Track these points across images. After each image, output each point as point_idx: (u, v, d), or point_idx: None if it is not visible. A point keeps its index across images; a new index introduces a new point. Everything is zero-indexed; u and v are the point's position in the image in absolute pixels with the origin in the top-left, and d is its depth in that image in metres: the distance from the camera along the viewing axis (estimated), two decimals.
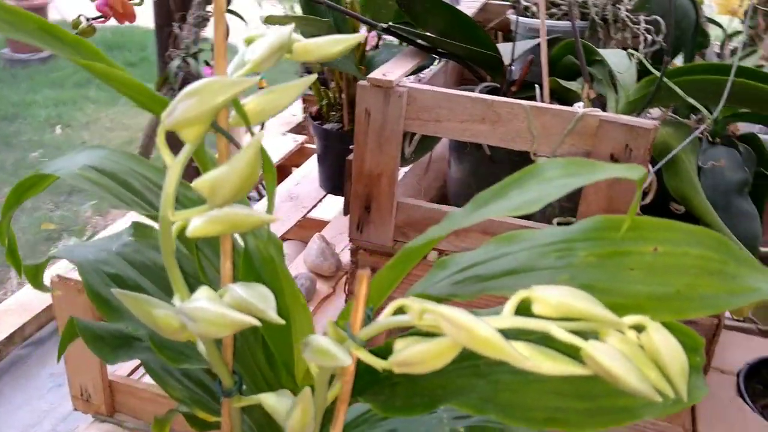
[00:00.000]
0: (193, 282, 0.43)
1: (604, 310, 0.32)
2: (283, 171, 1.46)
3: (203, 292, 0.35)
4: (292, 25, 0.39)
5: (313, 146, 1.42)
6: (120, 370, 1.08)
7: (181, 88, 2.55)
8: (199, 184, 0.33)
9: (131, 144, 3.68)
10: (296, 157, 1.51)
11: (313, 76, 0.37)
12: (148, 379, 1.09)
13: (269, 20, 0.93)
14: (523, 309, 0.33)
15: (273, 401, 0.40)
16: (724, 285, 0.34)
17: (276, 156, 1.45)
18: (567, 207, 0.86)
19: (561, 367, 0.32)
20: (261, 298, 0.36)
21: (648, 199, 0.84)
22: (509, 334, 0.32)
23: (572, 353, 0.33)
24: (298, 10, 1.40)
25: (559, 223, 0.86)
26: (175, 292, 0.37)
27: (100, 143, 3.48)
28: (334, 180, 1.20)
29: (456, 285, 0.39)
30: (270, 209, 0.43)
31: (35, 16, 0.36)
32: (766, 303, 1.43)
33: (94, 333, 0.50)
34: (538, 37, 0.99)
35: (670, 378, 0.33)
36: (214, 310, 0.33)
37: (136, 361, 1.11)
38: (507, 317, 0.32)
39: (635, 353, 0.32)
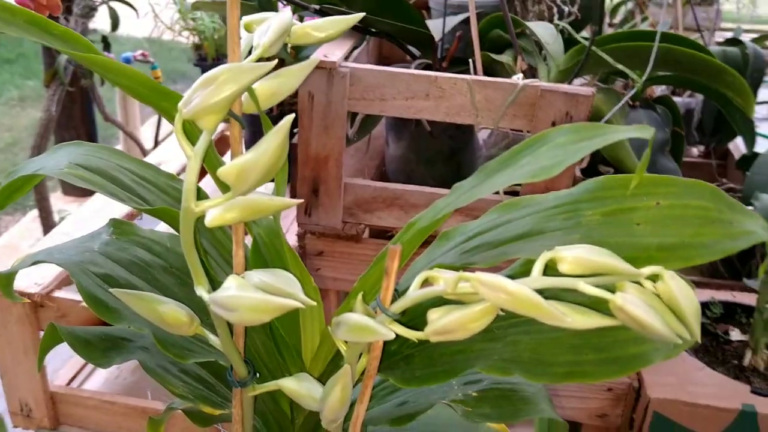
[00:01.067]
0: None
1: (624, 263, 0.34)
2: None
3: (232, 281, 0.35)
4: (288, 10, 0.38)
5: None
6: (59, 379, 1.04)
7: (71, 83, 2.43)
8: (225, 171, 0.33)
9: (16, 145, 3.50)
10: (219, 146, 1.48)
11: (317, 59, 0.37)
12: (90, 386, 1.06)
13: (196, 6, 0.91)
14: (547, 271, 0.34)
15: (294, 385, 0.41)
16: (724, 231, 0.36)
17: None
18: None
19: (593, 320, 0.34)
20: (287, 282, 0.36)
21: (585, 164, 0.88)
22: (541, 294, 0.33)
23: (594, 307, 0.35)
24: None
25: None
26: (197, 284, 0.36)
27: None
28: None
29: (467, 253, 0.40)
30: (280, 194, 0.43)
31: (26, 11, 0.35)
32: None
33: (81, 338, 0.48)
34: (456, 13, 1.01)
35: (685, 321, 0.35)
36: (256, 296, 0.33)
37: (75, 369, 1.07)
38: (537, 278, 0.34)
39: (653, 301, 0.35)
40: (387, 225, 0.87)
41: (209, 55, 2.94)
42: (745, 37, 1.58)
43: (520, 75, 0.79)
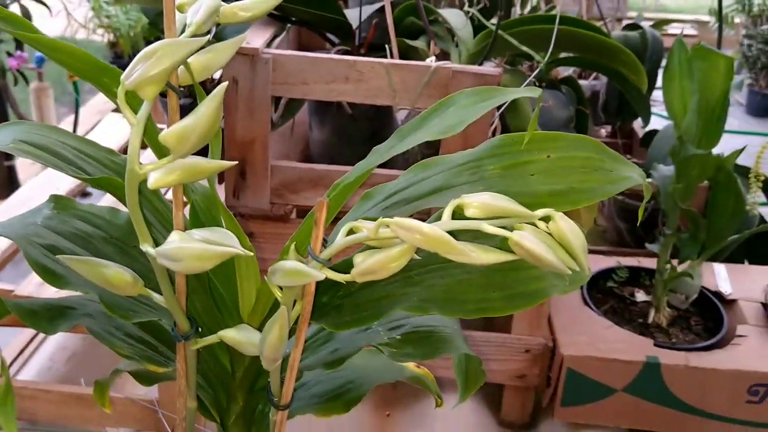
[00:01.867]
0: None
1: (520, 207, 0.39)
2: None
3: (175, 235, 0.39)
4: None
5: (162, 125, 1.41)
6: None
7: None
8: (166, 135, 0.37)
9: None
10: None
11: (244, 36, 0.42)
12: (23, 376, 1.06)
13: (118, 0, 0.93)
14: (456, 217, 0.39)
15: (234, 335, 0.45)
16: (605, 177, 0.42)
17: (122, 138, 1.42)
18: (428, 153, 0.94)
19: (494, 256, 0.39)
20: (224, 237, 0.40)
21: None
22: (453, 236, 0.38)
23: (500, 246, 0.40)
24: None
25: None
26: (143, 241, 0.40)
27: None
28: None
29: (387, 209, 0.45)
30: (215, 158, 0.47)
31: None
32: (591, 227, 1.61)
33: (27, 309, 0.51)
34: (372, 2, 1.06)
35: (575, 255, 0.40)
36: (199, 246, 0.37)
37: (8, 360, 1.08)
38: (447, 221, 0.39)
39: (546, 239, 0.40)
40: (313, 204, 0.91)
41: (125, 53, 2.90)
42: (648, 24, 1.69)
43: (433, 58, 0.85)
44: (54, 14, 2.66)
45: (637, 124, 1.71)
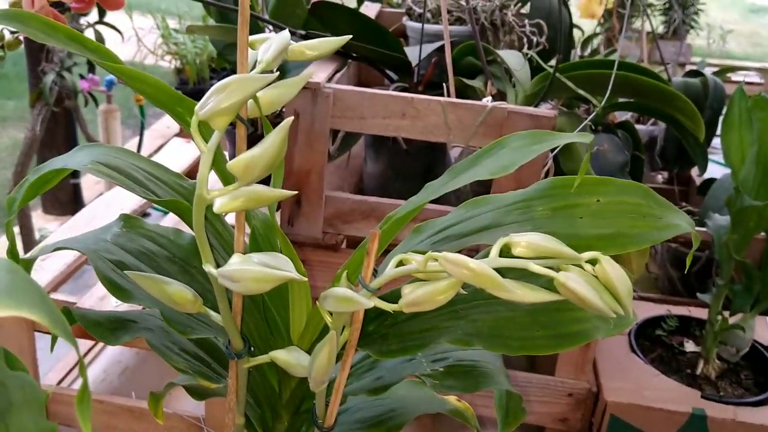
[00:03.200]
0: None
1: (567, 248, 0.41)
2: (192, 177, 1.49)
3: (236, 257, 0.41)
4: (287, 31, 0.45)
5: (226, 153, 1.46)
6: (49, 380, 1.09)
7: (56, 102, 2.48)
8: (234, 164, 0.39)
9: None
10: None
11: (312, 71, 0.44)
12: (76, 386, 1.10)
13: (190, 29, 0.97)
14: (504, 255, 0.41)
15: (285, 356, 0.47)
16: (653, 224, 0.43)
17: (184, 163, 1.48)
18: (479, 192, 0.95)
19: (539, 295, 0.41)
20: (281, 262, 0.42)
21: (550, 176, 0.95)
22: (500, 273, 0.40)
23: (545, 286, 0.41)
24: (172, 23, 1.43)
25: None
26: (206, 262, 0.42)
27: None
28: None
29: (436, 244, 0.47)
30: (277, 187, 0.49)
31: (65, 28, 0.41)
32: (644, 274, 1.60)
33: (92, 320, 0.54)
34: (432, 41, 1.09)
35: (620, 299, 0.41)
36: (258, 269, 0.39)
37: (65, 371, 1.12)
38: (495, 258, 0.40)
39: (592, 281, 0.41)
40: (364, 235, 0.94)
41: (190, 79, 2.99)
42: (710, 71, 1.69)
43: (489, 98, 0.87)
44: (125, 40, 2.77)
45: (695, 171, 1.69)
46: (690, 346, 1.15)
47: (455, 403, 0.57)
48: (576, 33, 2.12)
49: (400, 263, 0.42)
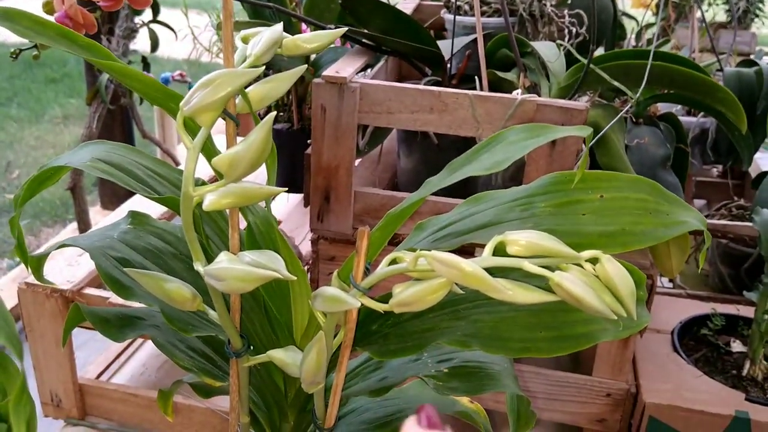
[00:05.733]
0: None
1: (565, 247, 0.39)
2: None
3: (224, 256, 0.40)
4: (281, 24, 0.44)
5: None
6: (89, 373, 1.11)
7: (112, 101, 2.53)
8: (219, 161, 0.39)
9: None
10: None
11: (304, 67, 0.43)
12: (117, 380, 1.12)
13: (221, 26, 0.98)
14: (501, 253, 0.39)
15: (282, 355, 0.46)
16: (659, 221, 0.41)
17: None
18: (512, 185, 0.93)
19: (534, 295, 0.39)
20: (272, 260, 0.41)
21: None
22: (491, 273, 0.38)
23: (543, 288, 0.39)
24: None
25: None
26: (195, 260, 0.42)
27: (25, 162, 3.41)
28: (288, 177, 1.25)
29: (437, 241, 0.46)
30: (271, 185, 0.49)
31: (54, 24, 0.41)
32: (694, 271, 1.54)
33: (100, 316, 0.54)
34: (471, 33, 1.07)
35: (621, 300, 0.39)
36: (241, 268, 0.38)
37: (104, 364, 1.14)
38: (487, 258, 0.39)
39: (592, 281, 0.39)
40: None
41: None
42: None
43: (519, 90, 0.84)
44: (181, 38, 2.81)
45: (752, 165, 1.62)
46: (737, 346, 1.11)
47: (467, 405, 0.56)
48: (631, 24, 2.07)
49: (394, 261, 0.41)
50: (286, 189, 0.84)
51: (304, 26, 1.21)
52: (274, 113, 0.38)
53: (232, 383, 0.50)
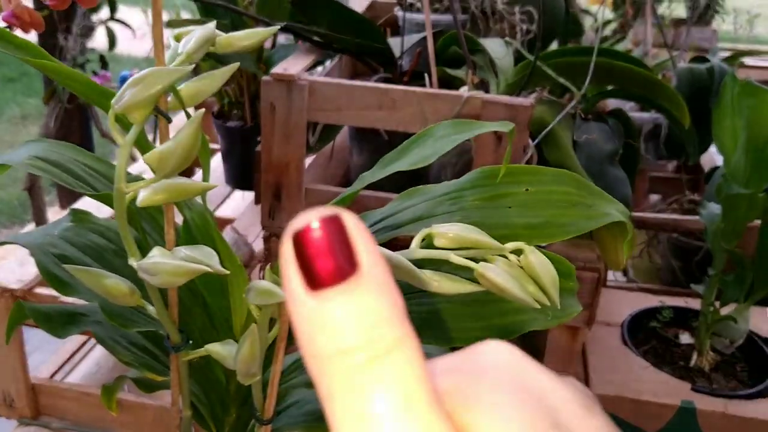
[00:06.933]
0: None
1: (490, 239, 0.40)
2: (186, 172, 1.50)
3: (157, 250, 0.41)
4: (214, 22, 0.45)
5: (216, 146, 1.46)
6: (42, 372, 1.10)
7: (69, 100, 2.50)
8: (149, 157, 0.39)
9: None
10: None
11: (236, 64, 0.44)
12: (70, 379, 1.11)
13: (172, 24, 0.98)
14: (432, 246, 0.40)
15: (219, 349, 0.46)
16: (583, 213, 0.42)
17: None
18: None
19: (459, 286, 0.40)
20: (206, 255, 0.42)
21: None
22: (421, 265, 0.39)
23: (471, 279, 0.40)
24: (184, 15, 1.46)
25: None
26: (130, 255, 0.42)
27: None
28: (240, 175, 1.25)
29: (373, 234, 0.46)
30: (206, 180, 0.49)
31: None
32: (646, 265, 1.57)
33: (43, 313, 0.54)
34: (424, 31, 1.08)
35: (545, 290, 0.41)
36: (172, 262, 0.39)
37: (58, 364, 1.13)
38: (414, 250, 0.40)
39: (516, 272, 0.40)
40: None
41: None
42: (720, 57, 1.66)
43: (466, 87, 0.86)
44: (139, 36, 2.79)
45: (706, 159, 1.66)
46: (685, 338, 1.13)
47: None
48: (590, 20, 2.09)
49: None
50: (216, 186, 0.84)
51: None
52: (203, 110, 0.38)
53: (172, 377, 0.50)
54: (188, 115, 0.49)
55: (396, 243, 0.46)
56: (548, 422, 0.18)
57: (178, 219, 0.50)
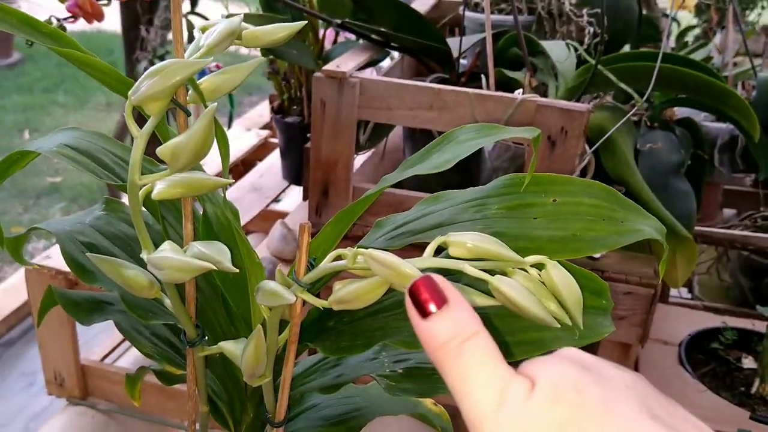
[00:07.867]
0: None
1: (510, 251, 0.38)
2: (247, 164, 1.52)
3: (167, 245, 0.40)
4: (241, 15, 0.44)
5: (277, 141, 1.47)
6: (93, 355, 1.13)
7: None
8: (162, 150, 0.39)
9: None
10: (260, 151, 1.56)
11: (261, 59, 0.43)
12: (120, 363, 1.14)
13: (246, 19, 0.98)
14: (447, 255, 0.38)
15: (231, 347, 0.46)
16: (613, 228, 0.40)
17: (240, 150, 1.50)
18: None
19: (473, 299, 0.38)
20: (218, 252, 0.41)
21: (587, 177, 0.90)
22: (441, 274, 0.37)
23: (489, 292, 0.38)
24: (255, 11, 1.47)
25: None
26: (143, 248, 0.42)
27: None
28: (297, 171, 1.25)
29: (390, 240, 0.45)
30: (225, 176, 0.48)
31: (18, 11, 0.41)
32: (714, 282, 1.50)
33: (71, 299, 0.55)
34: (484, 32, 1.05)
35: (566, 308, 0.38)
36: (178, 258, 0.38)
37: (110, 346, 1.16)
38: (427, 258, 0.38)
39: (537, 288, 0.38)
40: None
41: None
42: None
43: (521, 90, 0.83)
44: None
45: None
46: (748, 363, 1.07)
47: (430, 407, 0.55)
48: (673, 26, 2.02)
49: (338, 258, 0.40)
50: (233, 181, 0.83)
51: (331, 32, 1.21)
52: (215, 105, 0.38)
53: (188, 372, 0.50)
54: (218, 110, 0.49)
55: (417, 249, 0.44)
56: (590, 378, 0.29)
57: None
